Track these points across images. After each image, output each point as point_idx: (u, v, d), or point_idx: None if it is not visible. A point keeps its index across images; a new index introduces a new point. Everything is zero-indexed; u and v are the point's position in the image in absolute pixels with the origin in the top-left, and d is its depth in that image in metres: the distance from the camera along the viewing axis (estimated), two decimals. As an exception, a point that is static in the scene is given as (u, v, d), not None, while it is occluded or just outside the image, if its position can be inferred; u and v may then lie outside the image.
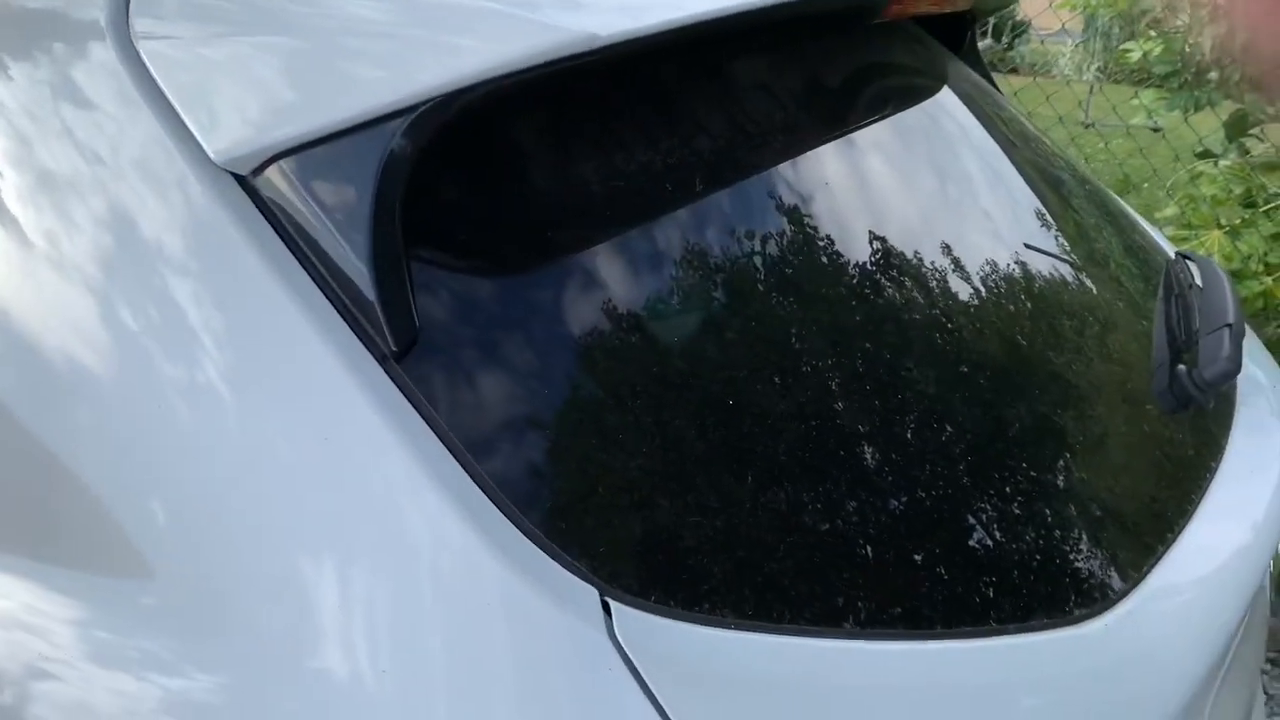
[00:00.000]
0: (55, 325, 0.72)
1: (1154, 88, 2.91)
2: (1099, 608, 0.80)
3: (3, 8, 0.82)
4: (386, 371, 0.67)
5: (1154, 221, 3.12)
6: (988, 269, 1.15)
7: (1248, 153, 2.95)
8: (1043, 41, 11.46)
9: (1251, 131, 2.91)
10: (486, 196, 0.78)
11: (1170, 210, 3.02)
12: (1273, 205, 2.87)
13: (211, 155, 0.70)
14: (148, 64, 0.73)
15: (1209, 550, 0.92)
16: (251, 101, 0.71)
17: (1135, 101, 2.92)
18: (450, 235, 0.76)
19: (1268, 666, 2.74)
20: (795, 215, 0.95)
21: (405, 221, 0.69)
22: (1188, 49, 2.63)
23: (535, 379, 0.72)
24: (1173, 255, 1.48)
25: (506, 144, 0.79)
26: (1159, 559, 0.88)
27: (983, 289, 1.12)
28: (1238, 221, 2.83)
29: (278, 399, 0.67)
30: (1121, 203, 1.67)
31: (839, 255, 0.98)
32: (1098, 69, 10.94)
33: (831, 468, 0.78)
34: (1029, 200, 1.37)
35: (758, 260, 0.88)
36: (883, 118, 1.18)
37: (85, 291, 0.72)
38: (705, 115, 0.93)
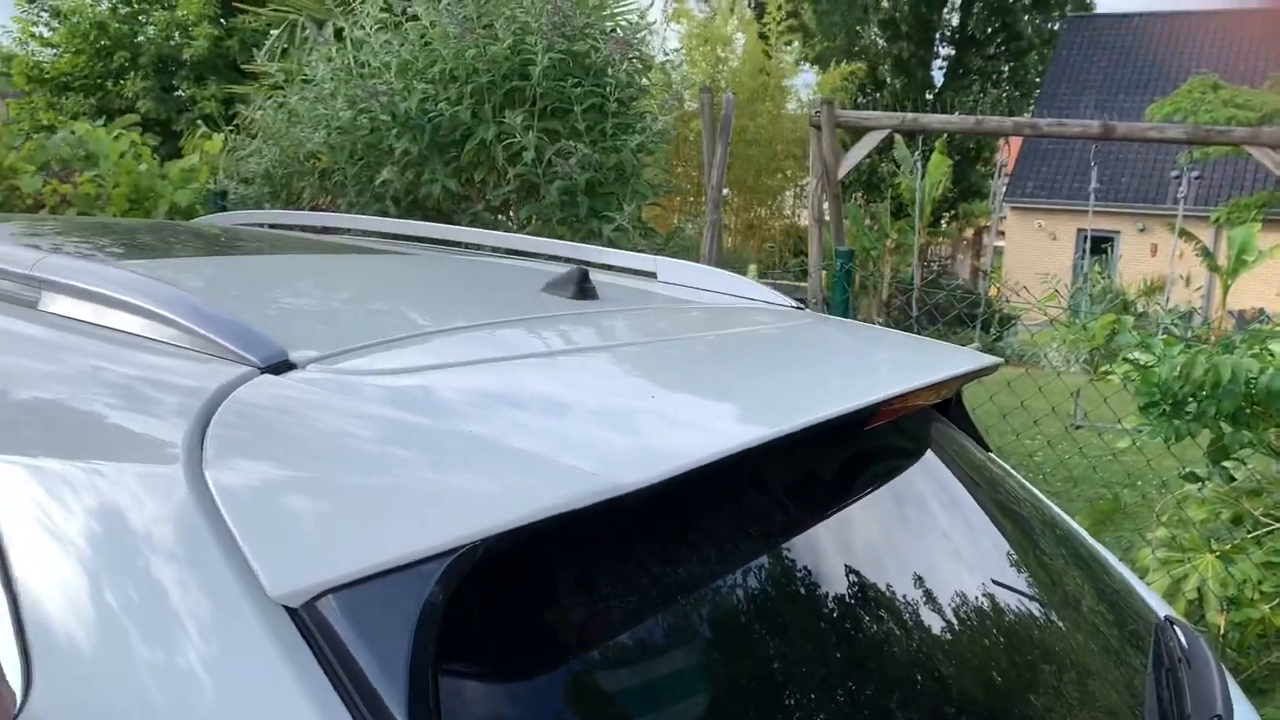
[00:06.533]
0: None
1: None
2: None
3: (84, 427, 0.91)
4: None
5: (1145, 541, 3.18)
6: (979, 620, 1.21)
7: (1232, 478, 3.05)
8: (1032, 335, 12.00)
9: (1235, 456, 3.03)
10: (505, 625, 0.85)
11: (1161, 532, 3.09)
12: (1264, 531, 2.94)
13: (267, 589, 0.77)
14: (220, 504, 0.80)
15: None
16: (308, 539, 0.79)
17: (1123, 423, 3.05)
18: (473, 666, 0.81)
19: None
20: (797, 615, 1.02)
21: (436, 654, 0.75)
22: (1163, 380, 2.79)
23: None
24: (1161, 617, 1.53)
25: (527, 574, 0.86)
26: None
27: (977, 637, 1.18)
28: (1228, 547, 2.89)
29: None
30: (1103, 553, 1.74)
31: (849, 631, 1.05)
32: (1084, 361, 11.39)
33: None
34: (1013, 554, 1.45)
35: (769, 651, 0.94)
36: (876, 493, 1.27)
37: (143, 708, 0.76)
38: (716, 527, 1.02)
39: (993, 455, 1.79)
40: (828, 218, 6.43)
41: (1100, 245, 19.57)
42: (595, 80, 4.09)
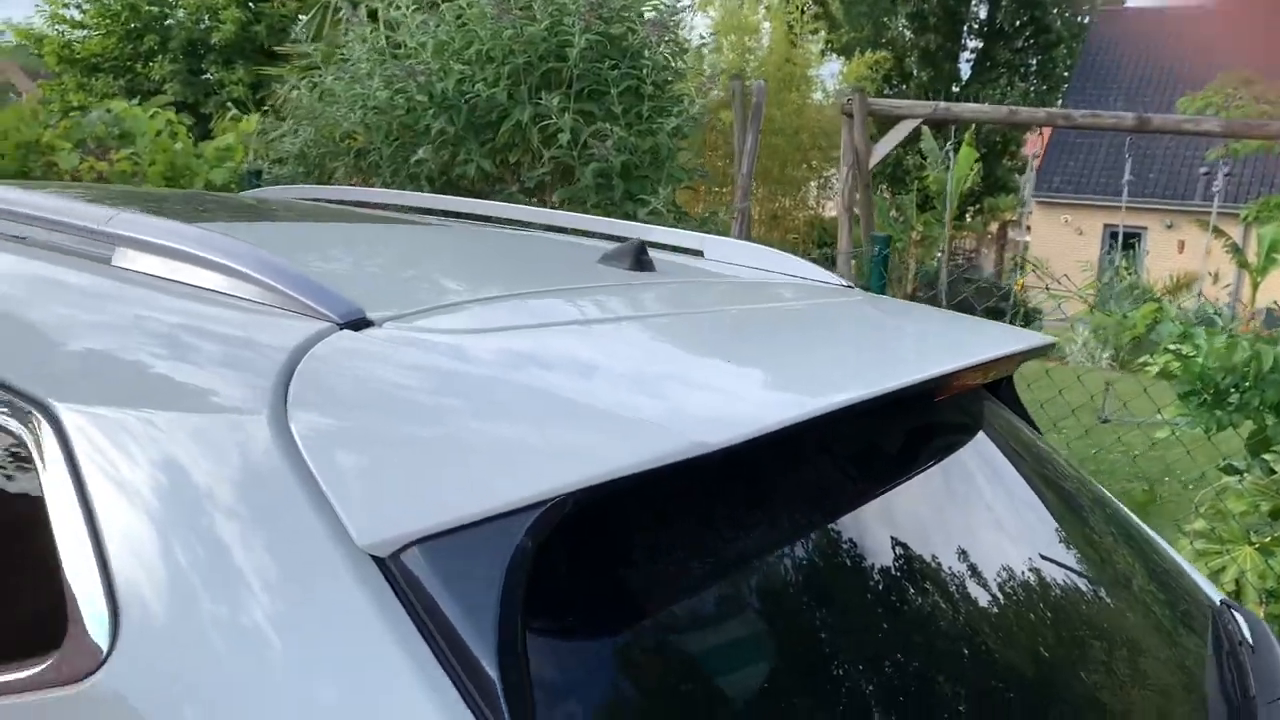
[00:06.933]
0: (210, 688, 0.77)
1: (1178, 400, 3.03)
2: None
3: (165, 381, 0.91)
4: None
5: (1182, 533, 3.16)
6: (1042, 598, 1.21)
7: (1272, 471, 3.03)
8: (1071, 326, 11.90)
9: (1275, 448, 3.00)
10: (589, 580, 0.85)
11: (1199, 524, 3.07)
12: (1302, 524, 2.91)
13: (355, 539, 0.77)
14: (305, 455, 0.81)
15: None
16: (395, 490, 0.79)
17: (1162, 413, 3.03)
18: (559, 620, 0.81)
19: None
20: (867, 583, 1.02)
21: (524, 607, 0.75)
22: (1206, 370, 2.76)
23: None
24: (1217, 601, 1.51)
25: (611, 531, 0.87)
26: None
27: (1040, 615, 1.18)
28: (1268, 540, 2.87)
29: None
30: (1154, 537, 1.73)
31: (914, 603, 1.06)
32: (1109, 357, 11.31)
33: None
34: (1071, 535, 1.44)
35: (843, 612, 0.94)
36: (935, 468, 1.26)
37: (227, 672, 0.77)
38: (783, 489, 1.02)
39: (1042, 436, 1.78)
40: (856, 209, 6.40)
41: (1128, 241, 19.42)
42: (632, 63, 4.08)
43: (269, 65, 10.15)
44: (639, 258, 1.45)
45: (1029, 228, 22.14)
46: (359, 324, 0.93)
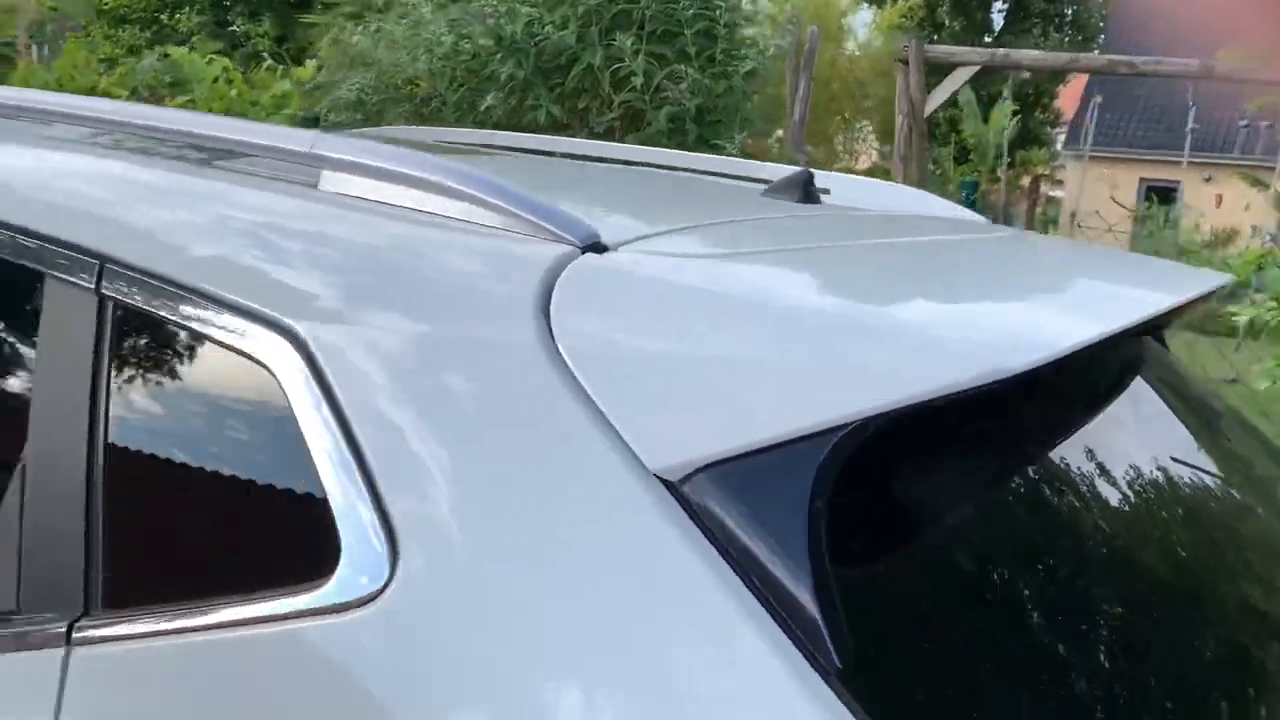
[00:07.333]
0: (487, 632, 0.74)
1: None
2: None
3: (423, 308, 0.88)
4: (831, 689, 0.68)
5: None
6: (1230, 522, 1.19)
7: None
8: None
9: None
10: (879, 509, 0.82)
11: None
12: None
13: (646, 462, 0.74)
14: (578, 376, 0.77)
15: None
16: (682, 413, 0.76)
17: (1262, 363, 2.97)
18: (859, 545, 0.78)
19: None
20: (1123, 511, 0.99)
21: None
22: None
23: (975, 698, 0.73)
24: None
25: (894, 457, 0.83)
26: None
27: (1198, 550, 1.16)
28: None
29: (731, 714, 0.68)
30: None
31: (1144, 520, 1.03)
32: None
33: None
34: (1236, 460, 1.42)
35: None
36: (1129, 400, 1.23)
37: (521, 598, 0.74)
38: (1038, 427, 0.98)
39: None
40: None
41: (1168, 195, 19.11)
42: (704, 2, 3.99)
43: (295, 17, 10.01)
44: (807, 190, 1.40)
45: (1060, 180, 21.86)
46: (598, 247, 0.89)
